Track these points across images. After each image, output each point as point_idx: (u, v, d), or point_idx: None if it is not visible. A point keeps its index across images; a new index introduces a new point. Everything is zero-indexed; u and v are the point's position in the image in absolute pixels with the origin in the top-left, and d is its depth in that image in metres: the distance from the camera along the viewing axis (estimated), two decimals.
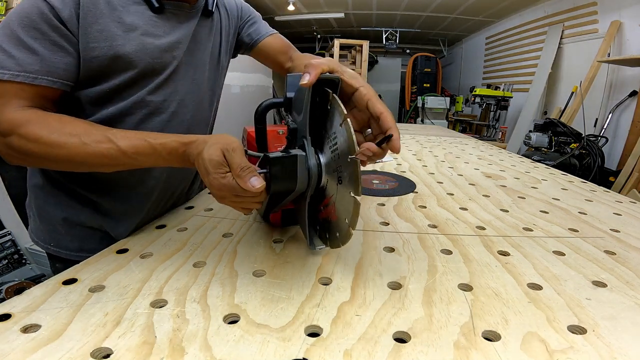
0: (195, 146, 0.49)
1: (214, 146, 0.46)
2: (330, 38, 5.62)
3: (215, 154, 0.46)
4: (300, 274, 0.52)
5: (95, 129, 0.54)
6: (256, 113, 0.65)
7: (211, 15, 0.72)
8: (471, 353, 0.37)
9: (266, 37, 0.86)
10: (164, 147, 0.51)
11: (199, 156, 0.47)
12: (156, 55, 0.62)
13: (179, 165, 0.52)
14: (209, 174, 0.46)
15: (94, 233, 0.71)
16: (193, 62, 0.70)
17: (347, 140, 0.43)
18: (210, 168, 0.45)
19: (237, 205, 0.50)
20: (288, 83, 0.56)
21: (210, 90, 0.76)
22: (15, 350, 0.35)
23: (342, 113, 0.44)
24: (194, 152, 0.49)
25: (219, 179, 0.45)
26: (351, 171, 0.43)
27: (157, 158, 0.52)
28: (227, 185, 0.45)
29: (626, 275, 0.54)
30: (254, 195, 0.46)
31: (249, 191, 0.45)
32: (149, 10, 0.61)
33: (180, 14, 0.66)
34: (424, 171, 1.19)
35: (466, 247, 0.63)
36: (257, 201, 0.49)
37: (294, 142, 0.55)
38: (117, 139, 0.52)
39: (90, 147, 0.52)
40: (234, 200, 0.48)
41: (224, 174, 0.45)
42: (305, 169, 0.50)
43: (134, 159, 0.52)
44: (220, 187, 0.46)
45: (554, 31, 4.08)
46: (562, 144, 3.08)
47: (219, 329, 0.40)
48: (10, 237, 1.86)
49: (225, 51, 0.80)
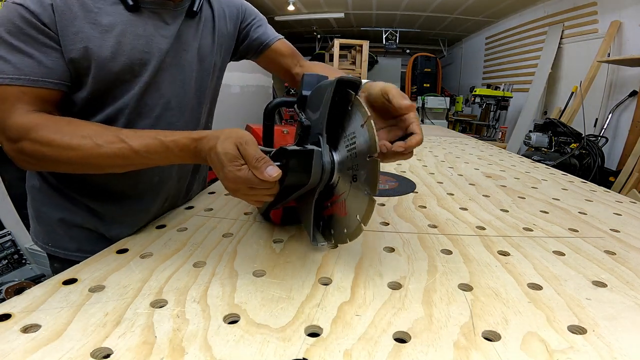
0: (206, 141, 0.49)
1: (228, 140, 0.46)
2: (330, 38, 5.62)
3: (230, 147, 0.46)
4: (300, 274, 0.52)
5: (106, 130, 0.54)
6: (266, 110, 0.66)
7: (196, 16, 0.70)
8: (471, 353, 0.37)
9: (275, 42, 0.85)
10: (176, 145, 0.51)
11: (212, 151, 0.47)
12: (135, 56, 0.60)
13: (192, 161, 0.53)
14: (224, 167, 0.46)
15: (91, 234, 0.71)
16: (178, 63, 0.67)
17: (369, 140, 0.45)
18: (226, 161, 0.46)
19: (251, 198, 0.50)
20: (305, 82, 0.58)
21: (198, 92, 0.73)
22: (15, 350, 0.35)
23: (365, 114, 0.46)
24: (206, 147, 0.49)
25: (235, 171, 0.45)
26: (370, 170, 0.45)
27: (169, 155, 0.52)
28: (242, 177, 0.45)
29: (626, 275, 0.54)
30: (269, 187, 0.47)
31: (265, 182, 0.45)
32: (126, 10, 0.60)
33: (162, 12, 0.64)
34: (424, 171, 1.19)
35: (466, 247, 0.63)
36: (270, 193, 0.49)
37: (306, 139, 0.55)
38: (129, 139, 0.52)
39: (103, 149, 0.52)
40: (247, 193, 0.48)
41: (240, 167, 0.45)
42: (319, 165, 0.51)
43: (147, 157, 0.52)
44: (236, 180, 0.46)
45: (554, 31, 4.08)
46: (562, 144, 3.08)
47: (219, 329, 0.40)
48: (10, 237, 1.86)
49: (217, 52, 0.76)
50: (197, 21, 0.71)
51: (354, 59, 4.87)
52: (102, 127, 0.55)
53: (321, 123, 0.51)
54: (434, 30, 6.17)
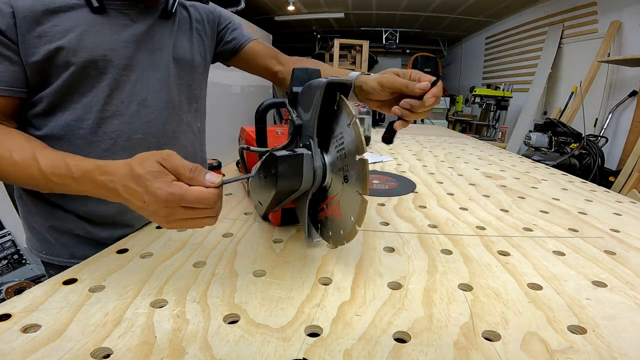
0: (115, 168, 0.43)
1: (146, 159, 0.41)
2: (330, 38, 5.62)
3: (152, 164, 0.40)
4: (300, 274, 0.52)
5: (28, 145, 0.50)
6: (257, 113, 0.65)
7: (171, 17, 0.71)
8: (471, 353, 0.37)
9: (250, 42, 0.87)
10: (78, 168, 0.46)
11: (127, 177, 0.41)
12: (97, 52, 0.60)
13: (93, 192, 0.47)
14: (148, 188, 0.40)
15: (82, 240, 0.70)
16: (152, 62, 0.68)
17: (356, 140, 0.44)
18: (152, 179, 0.40)
19: (191, 223, 0.43)
20: (295, 77, 0.56)
21: (178, 90, 0.73)
22: (15, 350, 0.35)
23: (350, 114, 0.45)
24: (116, 176, 0.43)
25: (165, 188, 0.39)
26: (359, 170, 0.44)
27: (70, 180, 0.47)
28: (177, 193, 0.39)
29: (626, 275, 0.54)
30: (208, 205, 0.41)
31: (203, 199, 0.40)
32: (91, 13, 0.60)
33: (131, 13, 0.65)
34: (424, 171, 1.19)
35: (466, 247, 0.63)
36: (212, 214, 0.43)
37: (298, 139, 0.55)
38: (42, 157, 0.48)
39: (18, 166, 0.49)
40: (184, 216, 0.41)
41: (170, 182, 0.40)
42: (310, 169, 0.50)
43: (50, 180, 0.48)
44: (168, 199, 0.40)
45: (554, 31, 4.08)
46: (562, 144, 3.08)
47: (219, 329, 0.40)
48: (10, 237, 1.86)
49: (197, 52, 0.78)
50: (172, 22, 0.72)
51: (354, 59, 4.87)
52: (29, 140, 0.52)
53: (312, 126, 0.51)
54: (434, 30, 6.16)
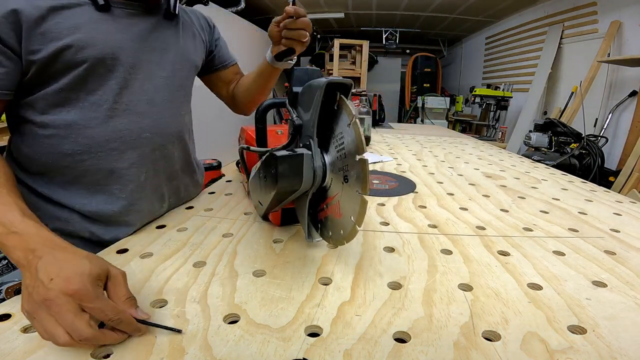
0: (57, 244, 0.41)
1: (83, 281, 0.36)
2: (330, 38, 5.62)
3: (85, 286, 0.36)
4: (300, 274, 0.52)
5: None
6: (257, 113, 0.65)
7: (174, 18, 0.73)
8: (471, 353, 0.37)
9: (234, 65, 0.92)
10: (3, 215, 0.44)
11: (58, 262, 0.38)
12: (106, 51, 0.61)
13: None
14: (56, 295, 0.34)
15: (87, 244, 0.68)
16: (158, 61, 0.69)
17: (356, 140, 0.44)
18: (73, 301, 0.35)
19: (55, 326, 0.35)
20: (295, 77, 0.57)
21: (181, 90, 0.76)
22: (15, 350, 0.35)
23: (350, 114, 0.45)
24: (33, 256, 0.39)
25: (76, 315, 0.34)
26: (359, 170, 0.44)
27: None
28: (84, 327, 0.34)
29: (626, 275, 0.54)
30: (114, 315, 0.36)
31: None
32: (96, 11, 0.60)
33: (135, 12, 0.65)
34: (424, 171, 1.19)
35: (466, 247, 0.63)
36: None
37: (298, 139, 0.55)
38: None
39: None
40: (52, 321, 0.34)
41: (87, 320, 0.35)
42: (311, 169, 0.50)
43: None
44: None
45: (554, 31, 4.08)
46: (562, 144, 3.08)
47: (219, 329, 0.40)
48: None
49: (199, 56, 0.81)
50: (176, 24, 0.74)
51: (354, 59, 4.87)
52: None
53: (312, 126, 0.51)
54: (434, 30, 6.16)
